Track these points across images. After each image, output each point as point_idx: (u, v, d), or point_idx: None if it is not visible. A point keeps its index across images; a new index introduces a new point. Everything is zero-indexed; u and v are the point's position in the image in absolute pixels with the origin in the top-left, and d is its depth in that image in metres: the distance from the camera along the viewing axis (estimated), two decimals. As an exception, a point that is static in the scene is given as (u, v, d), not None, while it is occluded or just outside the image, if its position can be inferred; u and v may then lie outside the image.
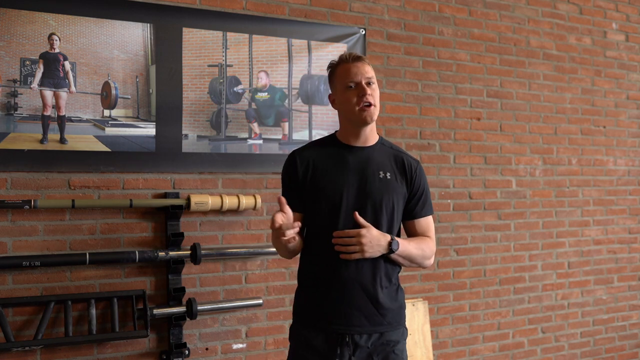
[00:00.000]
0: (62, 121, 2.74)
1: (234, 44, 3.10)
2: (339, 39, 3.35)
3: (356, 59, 2.11)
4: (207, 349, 3.02)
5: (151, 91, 2.92)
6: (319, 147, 2.19)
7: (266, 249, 3.09)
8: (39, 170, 2.69)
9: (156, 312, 2.81)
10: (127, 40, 2.87)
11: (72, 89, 2.76)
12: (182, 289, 2.87)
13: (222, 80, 3.08)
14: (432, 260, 2.22)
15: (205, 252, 2.92)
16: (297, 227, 1.91)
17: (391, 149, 2.20)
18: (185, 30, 2.99)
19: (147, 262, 2.85)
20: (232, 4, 3.11)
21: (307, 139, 3.20)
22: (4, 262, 2.58)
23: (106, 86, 2.84)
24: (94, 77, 2.81)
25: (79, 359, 2.74)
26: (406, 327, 2.18)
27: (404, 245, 2.07)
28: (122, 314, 2.78)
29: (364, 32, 3.43)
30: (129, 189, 2.86)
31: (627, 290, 4.37)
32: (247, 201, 3.02)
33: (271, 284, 3.18)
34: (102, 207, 2.79)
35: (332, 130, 2.25)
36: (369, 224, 2.02)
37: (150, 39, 2.91)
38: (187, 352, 2.88)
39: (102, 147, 2.81)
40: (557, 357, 4.07)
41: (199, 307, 2.88)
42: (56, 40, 2.73)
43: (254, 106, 3.17)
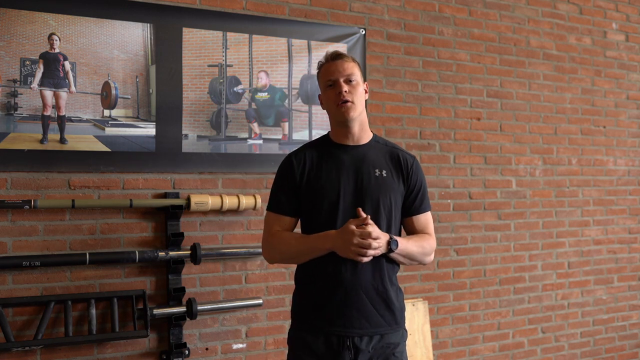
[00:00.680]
0: (62, 121, 2.74)
1: (234, 44, 3.10)
2: (339, 39, 3.35)
3: (335, 57, 2.11)
4: (207, 349, 3.02)
5: (151, 91, 2.92)
6: (314, 148, 2.18)
7: (266, 249, 3.09)
8: (39, 170, 2.69)
9: (156, 312, 2.81)
10: (127, 40, 2.87)
11: (72, 89, 2.76)
12: (182, 289, 2.87)
13: (222, 80, 3.08)
14: (432, 256, 2.20)
15: (205, 252, 2.92)
16: None
17: (386, 146, 2.18)
18: (185, 30, 2.99)
19: (147, 262, 2.85)
20: (232, 4, 3.11)
21: (307, 139, 3.20)
22: (4, 262, 2.58)
23: (106, 86, 2.84)
24: (94, 77, 2.81)
25: (79, 359, 2.74)
26: (406, 328, 2.17)
27: (404, 243, 2.05)
28: (122, 314, 2.78)
29: (364, 32, 3.43)
30: (129, 189, 2.86)
31: (627, 290, 4.37)
32: (247, 201, 3.02)
33: (271, 284, 3.18)
34: (102, 207, 2.79)
35: (332, 130, 2.25)
36: (372, 222, 1.98)
37: (150, 39, 2.91)
38: (187, 352, 2.88)
39: (102, 147, 2.81)
40: (557, 357, 4.07)
41: (199, 307, 2.88)
42: (56, 40, 2.73)
43: (254, 106, 3.17)
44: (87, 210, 2.77)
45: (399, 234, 2.16)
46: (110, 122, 2.84)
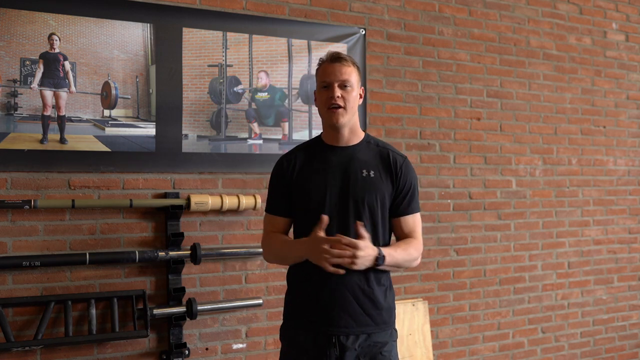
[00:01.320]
0: (62, 121, 2.74)
1: (234, 44, 3.10)
2: (339, 39, 3.35)
3: (335, 60, 2.10)
4: (207, 349, 3.02)
5: (151, 91, 2.92)
6: (305, 149, 2.20)
7: (266, 249, 3.09)
8: (39, 170, 2.69)
9: (156, 312, 2.81)
10: (127, 40, 2.87)
11: (72, 89, 2.76)
12: (182, 289, 2.87)
13: (222, 80, 3.08)
14: (419, 260, 2.19)
15: (205, 252, 2.92)
16: None
17: (377, 147, 2.18)
18: (185, 30, 2.98)
19: (147, 262, 2.85)
20: (232, 4, 3.11)
21: (307, 138, 3.19)
22: (4, 262, 2.58)
23: (106, 86, 2.84)
24: (94, 77, 2.81)
25: (79, 359, 2.74)
26: (396, 328, 2.17)
27: (391, 255, 2.04)
28: (122, 314, 2.78)
29: (364, 32, 3.43)
30: (129, 189, 2.86)
31: (627, 290, 4.37)
32: (247, 201, 3.02)
33: (271, 284, 3.18)
34: (102, 207, 2.79)
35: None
36: (367, 236, 1.98)
37: (150, 39, 2.91)
38: (187, 352, 2.88)
39: (102, 147, 2.81)
40: (557, 357, 4.07)
41: (199, 307, 2.88)
42: (56, 40, 2.73)
43: (254, 106, 3.17)
44: (87, 210, 2.77)
45: (388, 235, 2.16)
46: (110, 122, 2.84)
